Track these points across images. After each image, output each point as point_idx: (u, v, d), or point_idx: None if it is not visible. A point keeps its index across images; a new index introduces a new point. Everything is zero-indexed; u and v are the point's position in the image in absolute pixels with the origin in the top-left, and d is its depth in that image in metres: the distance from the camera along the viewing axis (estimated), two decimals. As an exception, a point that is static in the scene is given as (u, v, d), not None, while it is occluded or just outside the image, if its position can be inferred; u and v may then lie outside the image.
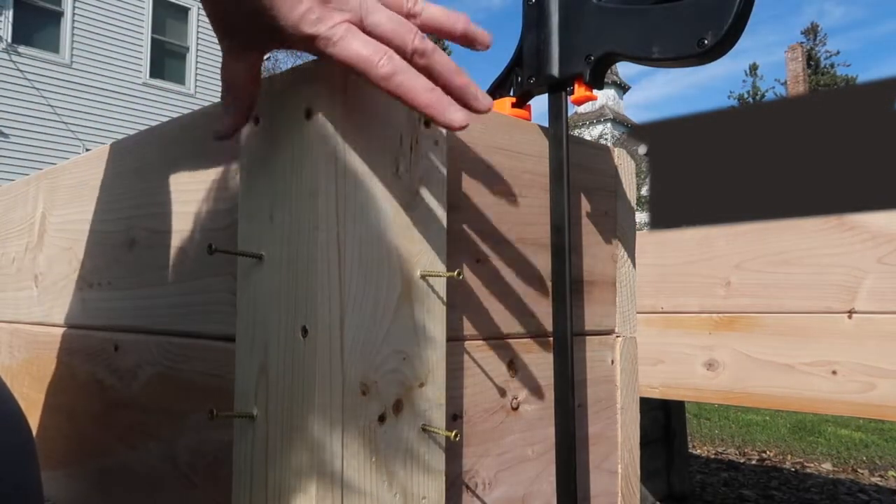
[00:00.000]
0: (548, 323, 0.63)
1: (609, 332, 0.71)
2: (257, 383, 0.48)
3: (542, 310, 0.63)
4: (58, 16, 9.72)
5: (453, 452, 0.53)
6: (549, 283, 0.63)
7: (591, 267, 0.69)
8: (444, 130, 0.52)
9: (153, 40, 10.61)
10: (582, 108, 28.32)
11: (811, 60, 28.84)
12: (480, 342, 0.57)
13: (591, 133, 25.11)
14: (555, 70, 0.62)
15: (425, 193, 0.50)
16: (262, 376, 0.47)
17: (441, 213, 0.51)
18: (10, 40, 9.19)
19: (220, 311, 0.54)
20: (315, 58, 0.45)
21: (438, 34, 0.49)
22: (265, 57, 0.49)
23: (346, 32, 0.43)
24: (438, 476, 0.50)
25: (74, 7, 9.80)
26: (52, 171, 0.85)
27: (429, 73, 0.45)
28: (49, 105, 9.50)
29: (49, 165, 1.00)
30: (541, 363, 0.62)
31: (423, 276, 0.49)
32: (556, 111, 0.63)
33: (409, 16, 0.47)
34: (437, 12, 0.49)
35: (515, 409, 0.60)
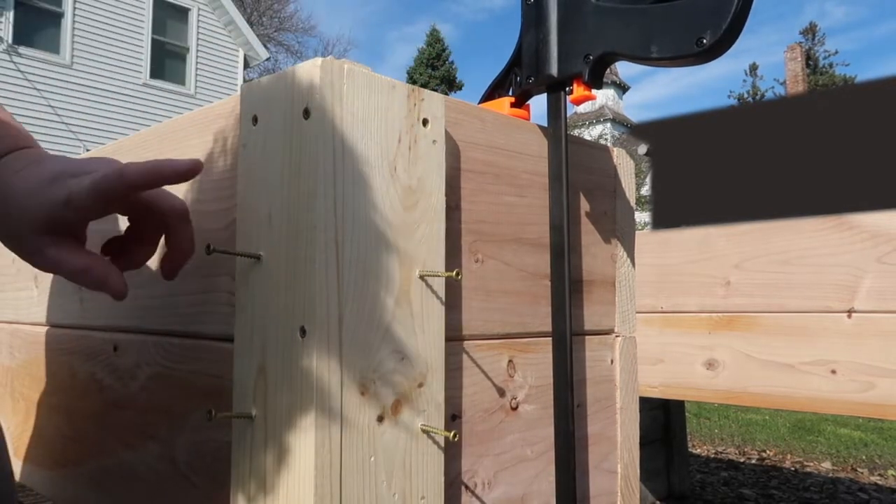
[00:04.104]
0: (547, 323, 0.63)
1: (608, 332, 0.71)
2: (256, 383, 0.48)
3: (542, 309, 0.63)
4: (58, 17, 9.72)
5: (452, 452, 0.53)
6: (548, 283, 0.63)
7: (590, 267, 0.69)
8: (443, 130, 0.52)
9: (153, 41, 10.61)
10: (581, 108, 28.34)
11: (810, 60, 28.83)
12: (479, 342, 0.57)
13: (590, 133, 25.12)
14: (553, 70, 0.62)
15: (424, 193, 0.50)
16: (261, 376, 0.47)
17: (440, 213, 0.51)
18: (10, 41, 9.19)
19: (219, 311, 0.54)
20: (315, 57, 0.45)
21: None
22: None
23: None
24: (437, 476, 0.50)
25: (75, 8, 9.80)
26: (51, 171, 0.85)
27: None
28: (49, 105, 9.50)
29: (48, 166, 0.99)
30: (540, 363, 0.62)
31: (421, 277, 0.49)
32: (555, 111, 0.63)
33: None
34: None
35: (514, 408, 0.60)
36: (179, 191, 0.61)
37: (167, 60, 10.85)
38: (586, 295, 0.68)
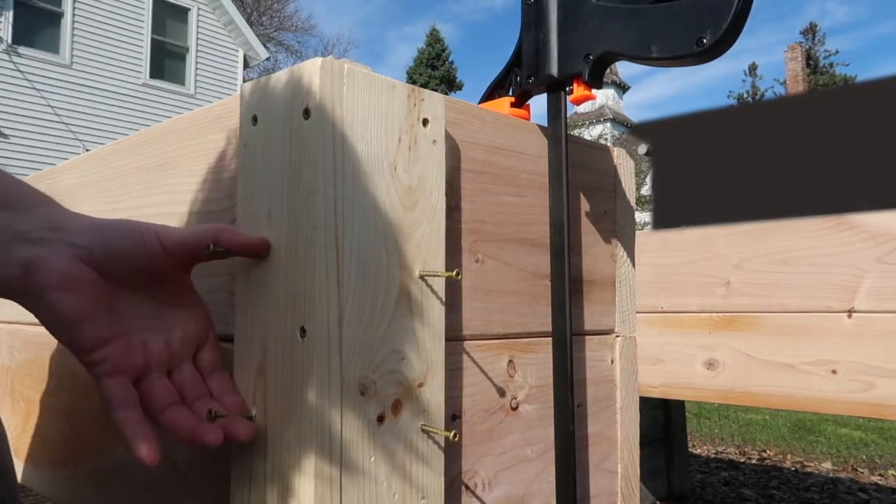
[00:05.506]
0: (547, 323, 0.63)
1: (608, 332, 0.71)
2: (256, 384, 0.48)
3: (542, 309, 0.63)
4: (58, 16, 9.72)
5: (452, 452, 0.53)
6: (548, 283, 0.63)
7: (590, 266, 0.69)
8: (443, 130, 0.52)
9: (153, 41, 10.61)
10: (581, 108, 28.35)
11: (810, 60, 28.84)
12: (480, 342, 0.57)
13: (590, 133, 25.11)
14: (554, 70, 0.62)
15: (424, 193, 0.50)
16: (261, 377, 0.47)
17: (440, 213, 0.51)
18: (10, 41, 9.19)
19: (219, 311, 0.54)
20: (315, 57, 0.45)
21: None
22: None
23: None
24: (437, 476, 0.50)
25: (74, 8, 9.80)
26: (51, 171, 0.85)
27: None
28: (49, 105, 9.50)
29: (49, 166, 1.00)
30: (540, 363, 0.62)
31: (421, 277, 0.49)
32: (555, 111, 0.63)
33: None
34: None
35: (515, 408, 0.59)
36: (182, 190, 0.61)
37: (167, 60, 10.85)
38: (586, 295, 0.68)
